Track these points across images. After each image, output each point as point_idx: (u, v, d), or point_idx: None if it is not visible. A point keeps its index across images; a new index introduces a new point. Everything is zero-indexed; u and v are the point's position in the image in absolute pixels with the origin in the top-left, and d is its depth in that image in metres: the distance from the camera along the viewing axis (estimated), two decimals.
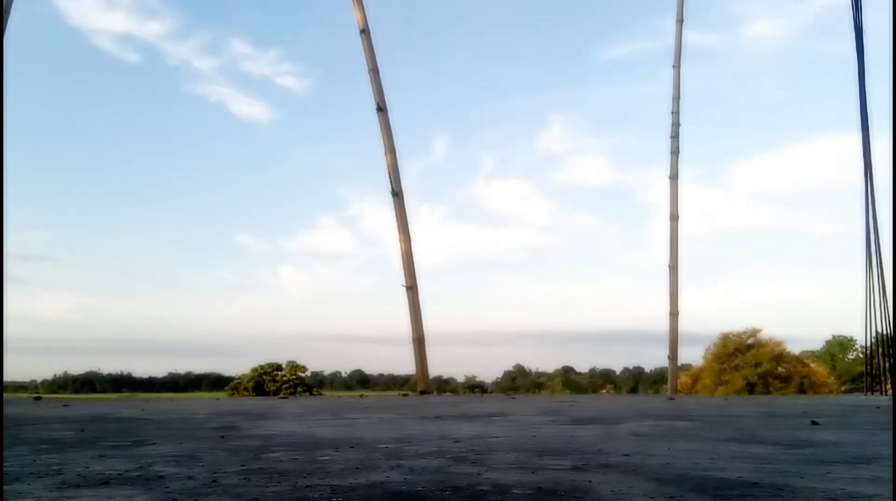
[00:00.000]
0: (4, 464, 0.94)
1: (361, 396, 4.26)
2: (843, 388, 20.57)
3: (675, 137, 6.07)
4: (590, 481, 0.78)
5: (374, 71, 5.40)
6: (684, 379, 13.87)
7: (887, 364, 4.79)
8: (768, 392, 12.05)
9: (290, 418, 1.94)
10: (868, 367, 4.95)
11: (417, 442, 1.20)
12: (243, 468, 0.90)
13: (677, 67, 6.21)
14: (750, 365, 13.13)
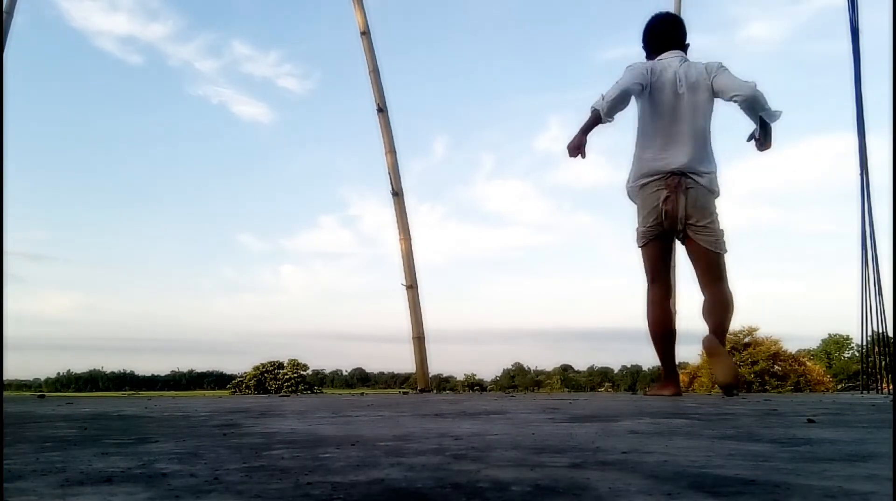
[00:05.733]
0: (7, 462, 0.95)
1: (362, 394, 4.26)
2: (839, 386, 20.61)
3: None
4: (588, 478, 0.79)
5: (375, 72, 5.40)
6: (682, 377, 13.92)
7: (883, 363, 4.81)
8: (765, 391, 12.08)
9: (291, 416, 1.94)
10: (864, 365, 4.97)
11: (417, 440, 1.20)
12: (245, 465, 0.91)
13: None
14: (746, 364, 13.17)
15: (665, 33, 3.22)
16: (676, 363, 3.38)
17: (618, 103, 2.99)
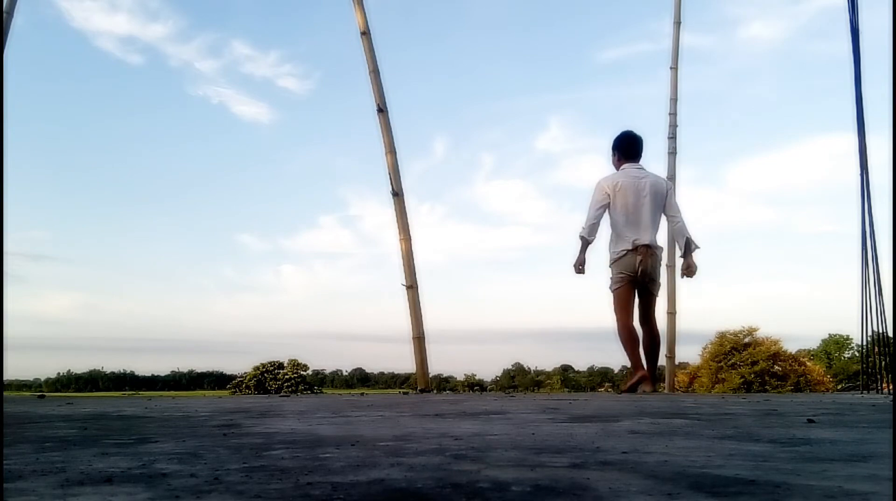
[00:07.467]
0: (7, 462, 0.95)
1: (362, 394, 4.25)
2: (839, 386, 20.59)
3: (672, 137, 6.06)
4: (588, 478, 0.79)
5: (375, 72, 5.38)
6: (682, 377, 13.88)
7: (883, 363, 4.81)
8: (765, 391, 12.08)
9: (291, 416, 1.94)
10: (864, 365, 4.97)
11: (417, 440, 1.20)
12: (245, 465, 0.91)
13: (675, 68, 6.20)
14: (746, 364, 13.15)
15: (629, 148, 4.64)
16: (676, 362, 4.55)
17: (594, 229, 4.51)
